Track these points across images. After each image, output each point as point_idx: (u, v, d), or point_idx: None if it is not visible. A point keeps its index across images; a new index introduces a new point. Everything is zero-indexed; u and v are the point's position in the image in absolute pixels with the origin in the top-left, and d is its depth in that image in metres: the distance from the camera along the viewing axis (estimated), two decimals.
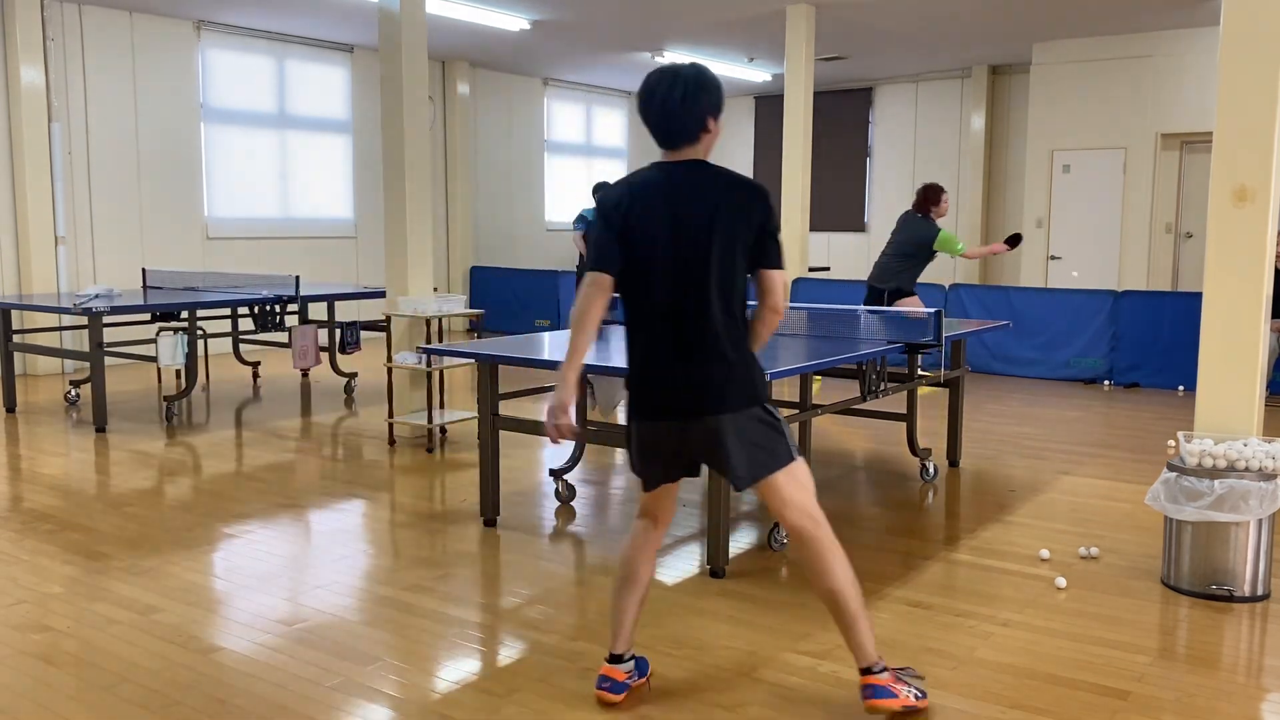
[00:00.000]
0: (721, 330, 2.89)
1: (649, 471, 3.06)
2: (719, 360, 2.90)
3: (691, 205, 2.90)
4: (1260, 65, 3.97)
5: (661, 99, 2.92)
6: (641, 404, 3.01)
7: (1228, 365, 4.10)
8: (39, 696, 3.13)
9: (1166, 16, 10.26)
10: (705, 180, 2.94)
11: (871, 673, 2.94)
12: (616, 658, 3.09)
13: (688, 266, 2.89)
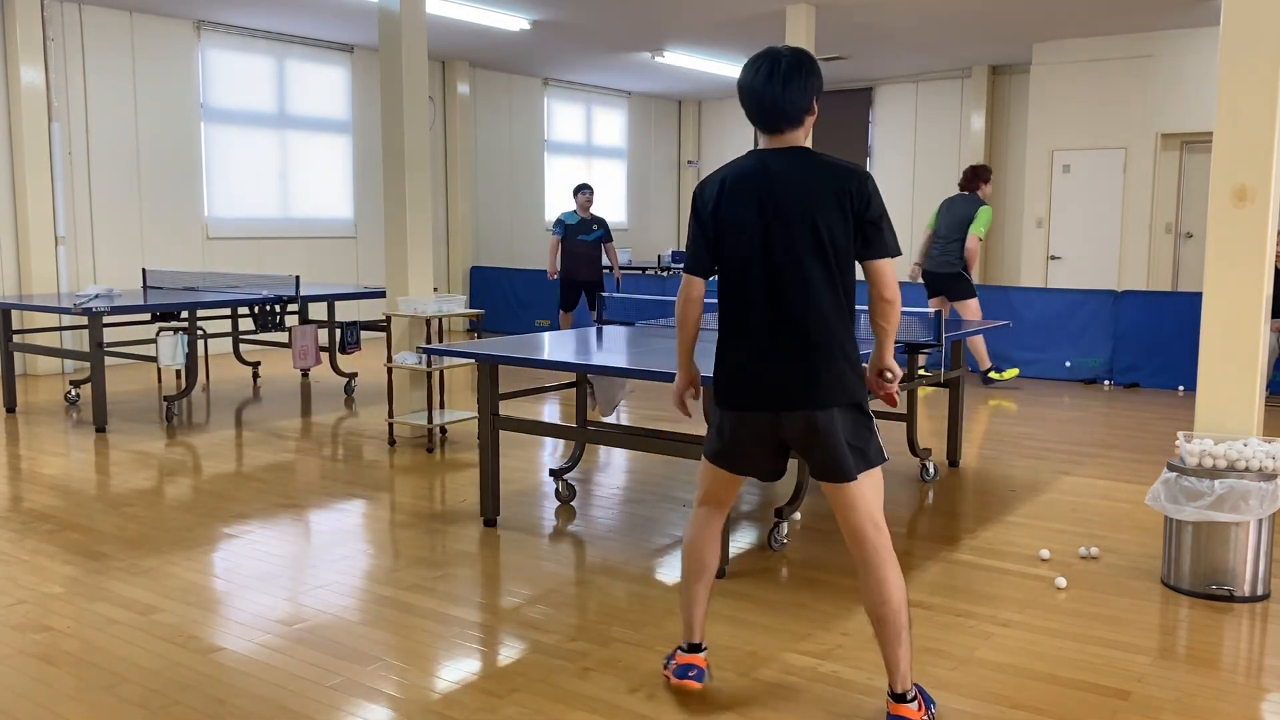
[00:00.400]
0: (821, 324, 2.81)
1: (739, 461, 3.03)
2: (822, 353, 2.82)
3: (786, 195, 2.83)
4: (1260, 65, 3.97)
5: (764, 80, 2.83)
6: (734, 396, 2.97)
7: (1228, 365, 4.09)
8: (39, 696, 3.13)
9: (1166, 16, 10.26)
10: (802, 168, 2.87)
11: (904, 701, 2.87)
12: (695, 647, 3.12)
13: (782, 260, 2.83)
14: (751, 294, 2.88)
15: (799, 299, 2.82)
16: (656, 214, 16.76)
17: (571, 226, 10.21)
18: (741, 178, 2.90)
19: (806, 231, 2.81)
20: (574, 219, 10.23)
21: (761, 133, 2.91)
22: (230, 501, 5.31)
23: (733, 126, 16.44)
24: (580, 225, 10.22)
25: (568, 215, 10.30)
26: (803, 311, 2.82)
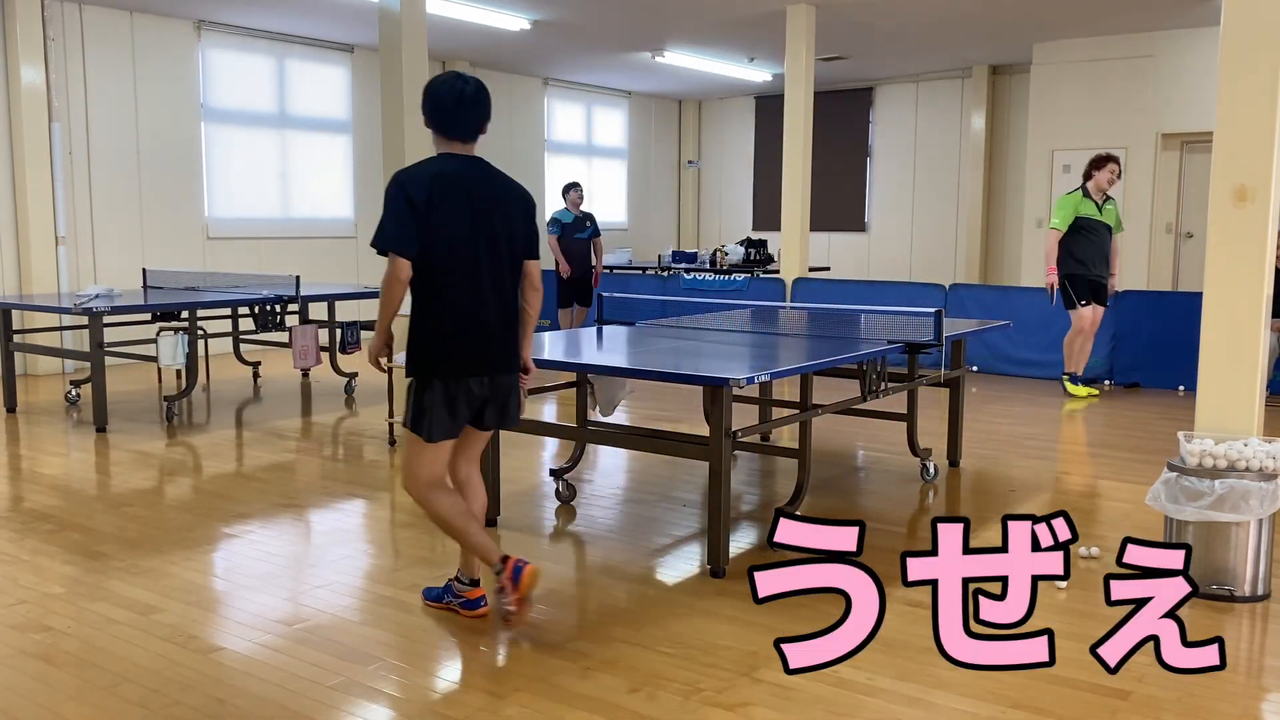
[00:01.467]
0: (515, 304, 3.60)
1: (459, 428, 3.60)
2: (516, 329, 3.64)
3: (491, 197, 3.52)
4: (1260, 65, 3.96)
5: (458, 94, 3.44)
6: (458, 367, 3.58)
7: (1228, 365, 4.09)
8: (39, 696, 3.13)
9: (1167, 16, 10.26)
10: (494, 176, 3.57)
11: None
12: (475, 582, 3.70)
13: (495, 250, 3.51)
14: (474, 278, 3.49)
15: (510, 283, 3.58)
16: (656, 214, 16.76)
17: (568, 225, 10.32)
18: (453, 177, 3.46)
19: (506, 228, 3.53)
20: (569, 217, 10.34)
21: (452, 139, 3.50)
22: (230, 501, 5.31)
23: (733, 126, 16.44)
24: (575, 223, 10.34)
25: (562, 214, 10.39)
26: (512, 294, 3.59)
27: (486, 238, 3.48)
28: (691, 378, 4.24)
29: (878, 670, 3.29)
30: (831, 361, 4.52)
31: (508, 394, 3.65)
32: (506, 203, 3.56)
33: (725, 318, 6.05)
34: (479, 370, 3.54)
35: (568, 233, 10.31)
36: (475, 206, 3.46)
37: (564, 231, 10.31)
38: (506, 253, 3.54)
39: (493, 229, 3.49)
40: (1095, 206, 8.14)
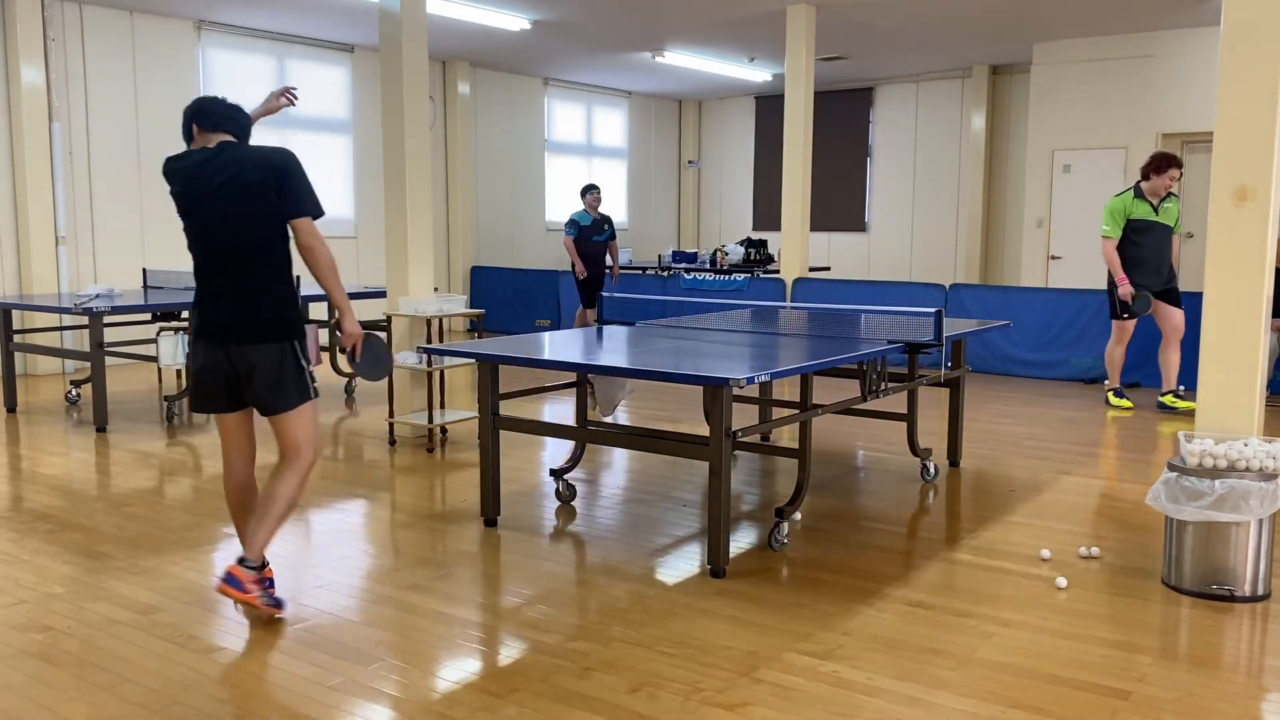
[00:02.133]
0: (252, 274, 3.65)
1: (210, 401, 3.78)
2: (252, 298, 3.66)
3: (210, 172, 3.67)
4: (1261, 65, 3.97)
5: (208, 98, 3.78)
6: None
7: (1228, 365, 4.10)
8: (40, 696, 3.13)
9: (1167, 16, 10.26)
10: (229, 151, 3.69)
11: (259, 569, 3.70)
12: (242, 560, 3.74)
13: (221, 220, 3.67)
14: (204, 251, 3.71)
15: (245, 253, 3.67)
16: (657, 214, 16.76)
17: (586, 227, 10.30)
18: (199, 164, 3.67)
19: (235, 198, 3.65)
20: (587, 219, 10.32)
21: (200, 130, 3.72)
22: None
23: (733, 126, 16.44)
24: (593, 225, 10.33)
25: (580, 215, 10.36)
26: (250, 263, 3.68)
27: (214, 212, 3.64)
28: (691, 378, 4.24)
29: (878, 670, 3.29)
30: (831, 361, 4.52)
31: (256, 368, 3.65)
32: (240, 170, 3.62)
33: (725, 318, 6.05)
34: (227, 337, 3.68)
35: (585, 234, 10.29)
36: (200, 187, 3.66)
37: (582, 233, 10.29)
38: (246, 220, 3.62)
39: (223, 201, 3.62)
40: (1150, 206, 7.69)
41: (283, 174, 3.62)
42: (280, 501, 3.76)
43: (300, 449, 3.79)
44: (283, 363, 3.65)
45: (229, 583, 3.65)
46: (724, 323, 5.84)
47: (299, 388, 3.70)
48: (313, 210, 3.67)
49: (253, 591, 3.66)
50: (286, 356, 3.66)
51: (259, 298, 3.64)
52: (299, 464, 3.80)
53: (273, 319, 3.64)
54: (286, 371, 3.66)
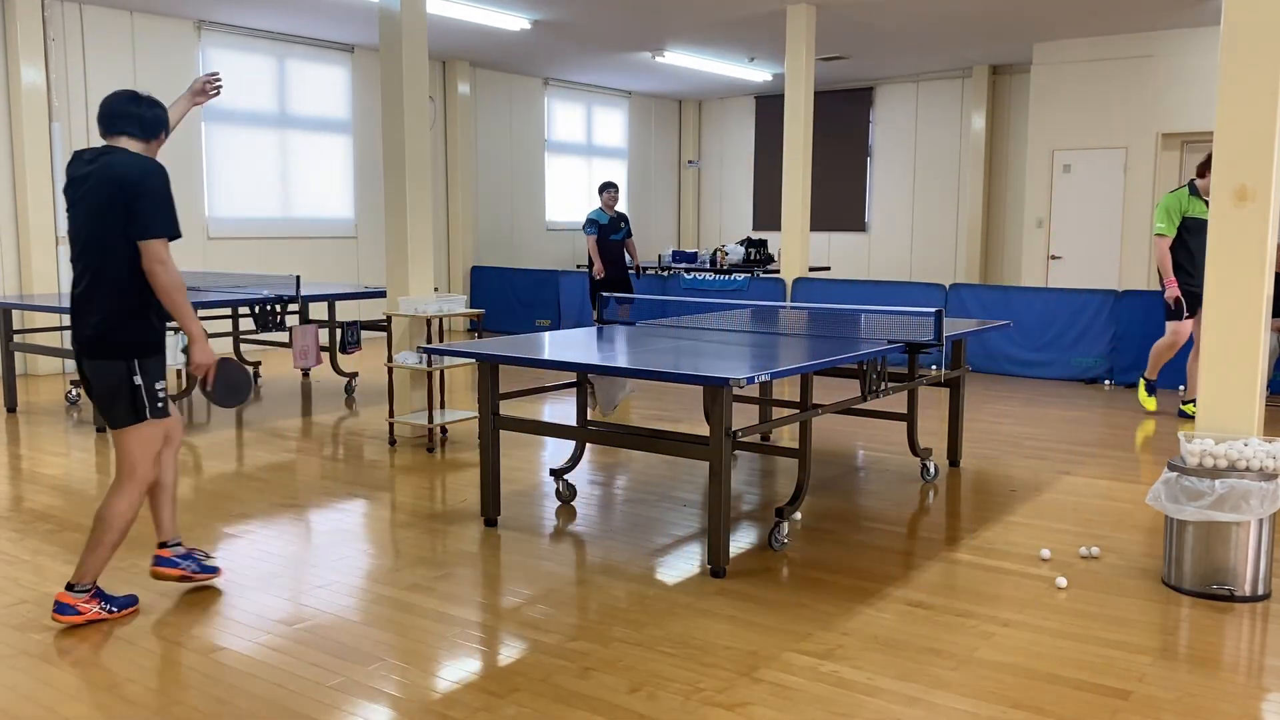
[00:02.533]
0: (99, 287, 3.62)
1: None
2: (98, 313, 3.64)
3: (83, 179, 3.69)
4: (1261, 65, 3.97)
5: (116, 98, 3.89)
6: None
7: (1228, 365, 4.09)
8: (41, 696, 3.13)
9: (1167, 16, 10.26)
10: (100, 158, 3.70)
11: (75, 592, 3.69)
12: (163, 544, 3.99)
13: (82, 229, 3.70)
14: (74, 259, 3.71)
15: (98, 265, 3.64)
16: (657, 214, 16.76)
17: (604, 226, 9.99)
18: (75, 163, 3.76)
19: (95, 208, 3.64)
20: (605, 218, 10.03)
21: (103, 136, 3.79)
22: (231, 501, 5.31)
23: (733, 126, 16.44)
24: (611, 224, 10.05)
25: (598, 214, 10.06)
26: (100, 276, 3.64)
27: (78, 220, 3.65)
28: (692, 378, 4.23)
29: (878, 670, 3.29)
30: (832, 361, 4.52)
31: (98, 386, 3.67)
32: (98, 183, 3.60)
33: (725, 317, 6.05)
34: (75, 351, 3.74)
35: (603, 234, 9.95)
36: (74, 191, 3.69)
37: (600, 232, 9.94)
38: (97, 234, 3.60)
39: (84, 210, 3.63)
40: (1205, 205, 7.06)
41: (133, 194, 3.55)
42: (107, 524, 3.68)
43: (123, 469, 3.70)
44: (115, 381, 3.61)
45: (59, 610, 3.66)
46: (724, 323, 5.84)
47: (131, 407, 3.62)
48: (161, 232, 3.58)
49: (88, 610, 3.68)
50: (120, 375, 3.60)
51: (101, 314, 3.60)
52: (120, 484, 3.70)
53: (108, 337, 3.61)
54: (119, 390, 3.61)
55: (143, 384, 3.61)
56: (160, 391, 3.68)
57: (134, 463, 3.67)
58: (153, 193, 3.59)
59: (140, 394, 3.61)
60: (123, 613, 3.76)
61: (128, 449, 3.67)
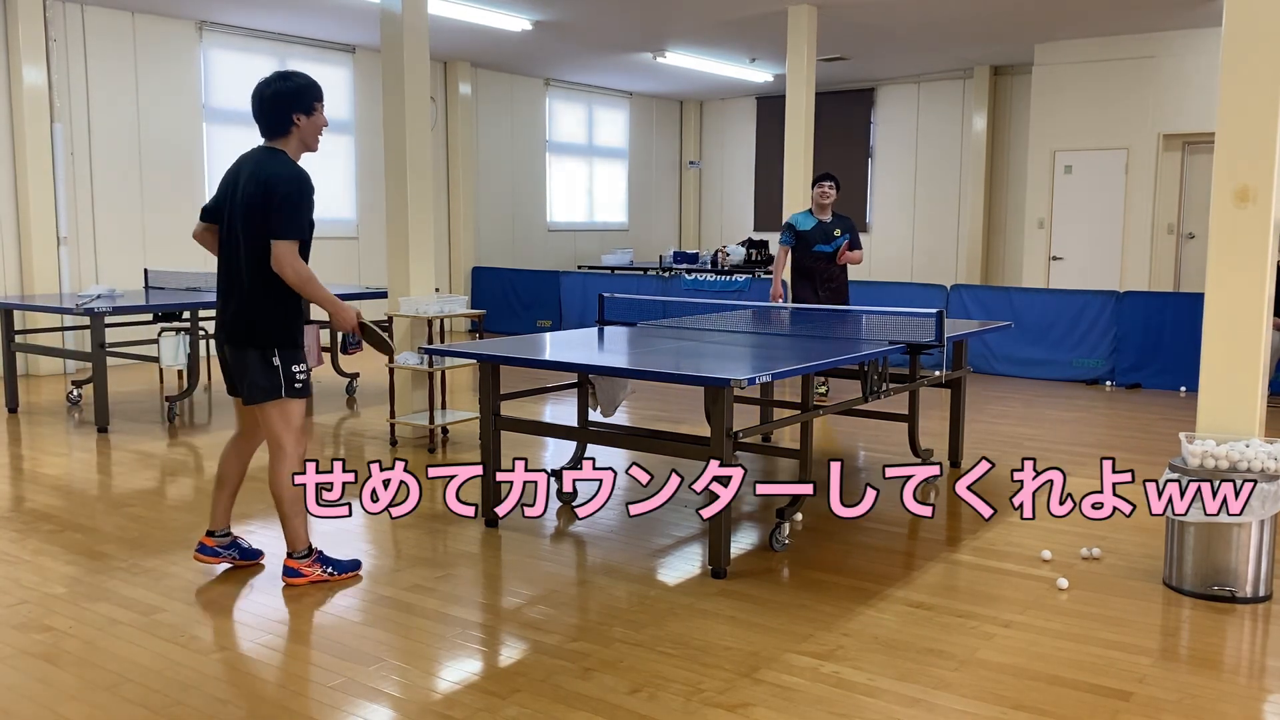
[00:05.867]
0: (240, 281, 3.95)
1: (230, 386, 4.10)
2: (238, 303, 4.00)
3: (236, 178, 3.93)
4: (1262, 66, 3.96)
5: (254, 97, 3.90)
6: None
7: (1230, 366, 4.09)
8: (41, 696, 3.13)
9: (1168, 17, 10.25)
10: (253, 159, 3.90)
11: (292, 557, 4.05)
12: (210, 533, 4.19)
13: (228, 226, 4.00)
14: (223, 254, 4.07)
15: (240, 260, 3.97)
16: (658, 215, 16.76)
17: (805, 234, 7.98)
18: (235, 164, 4.03)
19: (241, 208, 3.89)
20: (808, 222, 8.02)
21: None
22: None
23: (734, 127, 16.45)
24: (817, 231, 7.97)
25: (799, 217, 8.11)
26: (241, 270, 3.99)
27: (227, 216, 3.93)
28: (693, 378, 4.24)
29: (878, 671, 3.29)
30: (833, 362, 4.53)
31: (233, 366, 4.00)
32: (246, 183, 3.84)
33: (726, 318, 6.05)
34: (218, 339, 4.07)
35: (804, 244, 7.97)
36: (230, 189, 3.93)
37: (800, 242, 7.97)
38: (240, 230, 3.87)
39: (232, 209, 3.89)
40: None
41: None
42: (277, 496, 4.04)
43: (270, 442, 4.02)
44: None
45: (286, 574, 4.08)
46: (725, 323, 5.84)
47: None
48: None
49: (311, 573, 4.07)
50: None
51: (239, 300, 4.04)
52: (272, 457, 4.02)
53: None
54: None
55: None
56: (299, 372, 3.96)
57: (271, 436, 3.96)
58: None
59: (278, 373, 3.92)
60: (344, 576, 4.09)
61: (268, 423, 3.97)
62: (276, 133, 3.90)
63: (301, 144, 3.93)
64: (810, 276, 7.88)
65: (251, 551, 4.31)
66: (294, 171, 3.83)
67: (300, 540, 4.06)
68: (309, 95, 3.89)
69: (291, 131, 3.89)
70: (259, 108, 3.88)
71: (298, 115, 3.87)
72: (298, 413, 3.98)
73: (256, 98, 3.88)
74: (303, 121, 3.89)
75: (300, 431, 4.00)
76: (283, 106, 3.86)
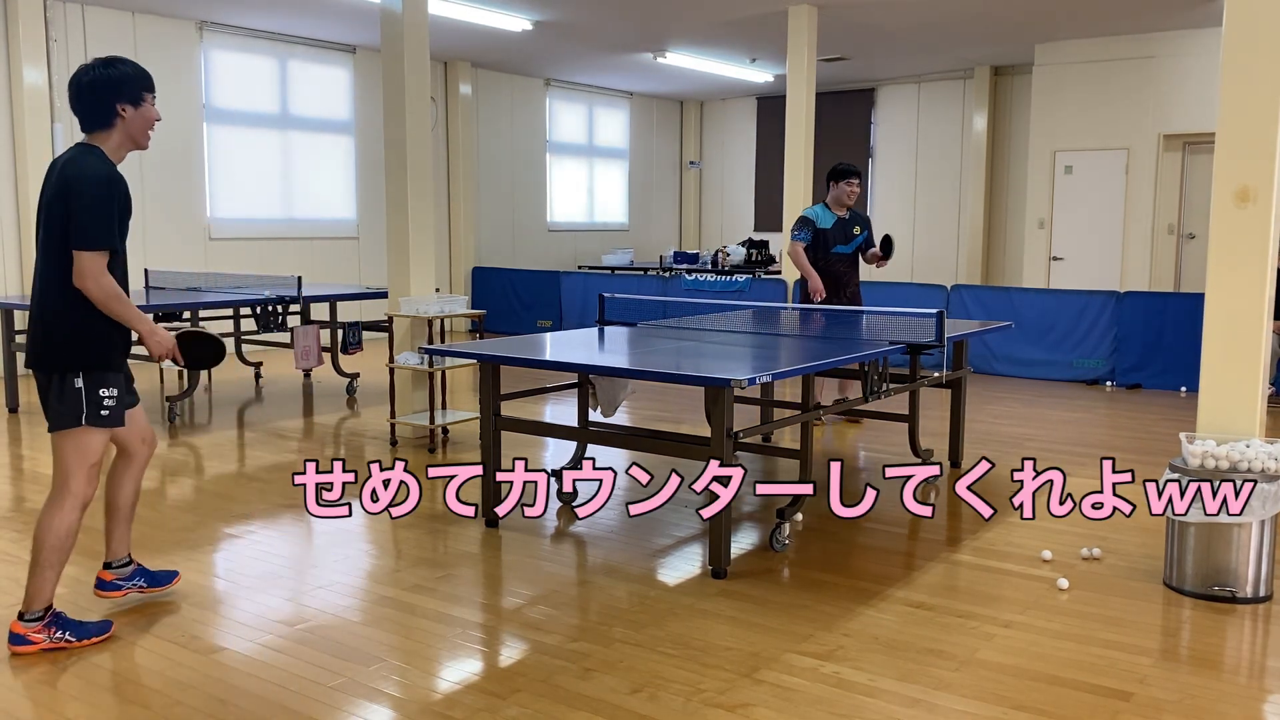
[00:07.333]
0: (46, 296, 3.39)
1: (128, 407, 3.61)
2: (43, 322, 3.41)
3: (47, 183, 3.43)
4: (1263, 66, 3.96)
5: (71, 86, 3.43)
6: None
7: (1230, 366, 4.09)
8: (42, 696, 3.13)
9: (1169, 17, 10.25)
10: (65, 159, 3.40)
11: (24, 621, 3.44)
12: (108, 565, 3.83)
13: (38, 235, 3.44)
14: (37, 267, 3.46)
15: (44, 272, 3.42)
16: (658, 215, 16.76)
17: (824, 231, 7.41)
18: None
19: (45, 214, 3.41)
20: (827, 218, 7.43)
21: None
22: (232, 502, 5.31)
23: (734, 127, 16.44)
24: (836, 229, 7.44)
25: (815, 211, 7.51)
26: (45, 284, 3.42)
27: (37, 222, 3.44)
28: (693, 378, 4.24)
29: (879, 671, 3.29)
30: (833, 362, 4.52)
31: (43, 391, 3.44)
32: (51, 184, 3.38)
33: (727, 318, 6.05)
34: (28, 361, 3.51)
35: (822, 242, 7.37)
36: (42, 192, 3.45)
37: (818, 241, 7.36)
38: (42, 239, 3.39)
39: (38, 213, 3.42)
40: None
41: None
42: (38, 540, 3.44)
43: (55, 476, 3.49)
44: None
45: (12, 641, 3.43)
46: (725, 323, 5.84)
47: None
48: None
49: (40, 640, 3.43)
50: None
51: (44, 317, 3.48)
52: (52, 494, 3.48)
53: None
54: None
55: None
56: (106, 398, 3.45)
57: (67, 472, 3.44)
58: None
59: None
60: (86, 642, 3.48)
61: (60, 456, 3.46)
62: (96, 125, 3.40)
63: (128, 138, 3.45)
64: (826, 280, 7.27)
65: (161, 577, 3.93)
66: (103, 171, 3.32)
67: (41, 597, 3.42)
68: (136, 84, 3.42)
69: (115, 124, 3.40)
70: (75, 95, 3.39)
71: (122, 105, 3.39)
72: (96, 446, 3.44)
73: (74, 85, 3.39)
74: (128, 113, 3.40)
75: (93, 470, 3.46)
76: (104, 94, 3.37)
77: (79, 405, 3.37)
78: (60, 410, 3.38)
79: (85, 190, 3.28)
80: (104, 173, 3.33)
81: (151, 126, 3.52)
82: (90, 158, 3.36)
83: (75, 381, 3.36)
